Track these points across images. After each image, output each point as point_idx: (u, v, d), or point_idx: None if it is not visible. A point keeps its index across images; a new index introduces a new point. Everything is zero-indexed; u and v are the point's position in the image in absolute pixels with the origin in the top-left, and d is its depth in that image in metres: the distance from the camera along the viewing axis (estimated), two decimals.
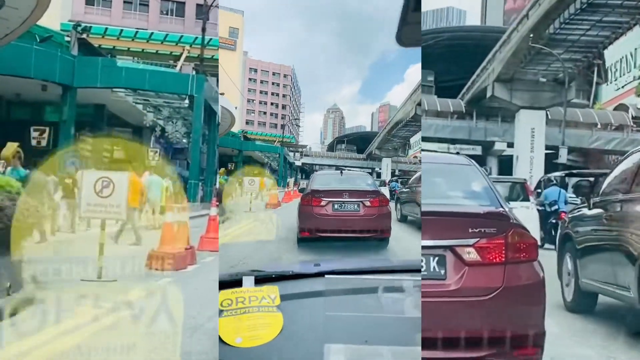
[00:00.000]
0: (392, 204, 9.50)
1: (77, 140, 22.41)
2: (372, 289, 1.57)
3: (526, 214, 8.55)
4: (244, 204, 18.33)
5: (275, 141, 60.23)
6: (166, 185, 14.68)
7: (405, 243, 8.53)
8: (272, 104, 73.20)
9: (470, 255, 2.69)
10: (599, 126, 32.25)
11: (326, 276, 1.57)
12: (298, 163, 65.09)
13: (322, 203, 7.54)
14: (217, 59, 30.03)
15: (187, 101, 23.33)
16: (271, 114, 72.74)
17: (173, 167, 27.47)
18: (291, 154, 62.89)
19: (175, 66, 28.02)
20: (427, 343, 2.06)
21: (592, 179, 6.31)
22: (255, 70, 72.76)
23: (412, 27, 1.32)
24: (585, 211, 5.44)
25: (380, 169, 57.45)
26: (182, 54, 27.51)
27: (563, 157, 23.46)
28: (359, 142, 70.99)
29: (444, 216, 2.93)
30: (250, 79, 72.38)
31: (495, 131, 31.26)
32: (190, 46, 28.66)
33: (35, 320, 2.33)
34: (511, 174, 26.89)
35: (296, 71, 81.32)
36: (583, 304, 5.31)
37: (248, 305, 1.50)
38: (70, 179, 11.27)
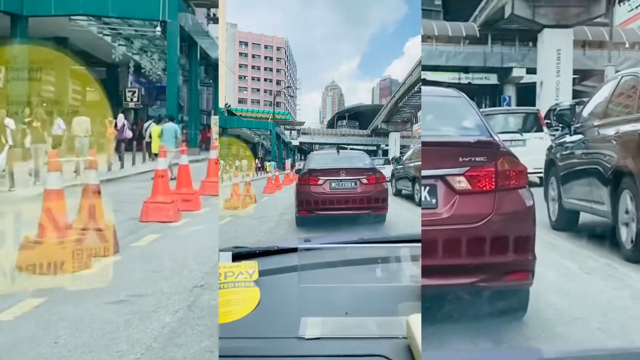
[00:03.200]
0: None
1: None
2: (352, 260, 1.57)
3: (540, 145, 8.45)
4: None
5: (268, 118, 56.14)
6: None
7: (404, 218, 8.55)
8: (265, 80, 69.86)
9: (461, 184, 2.71)
10: (627, 46, 29.13)
11: (299, 249, 1.53)
12: (295, 142, 61.08)
13: (320, 182, 7.64)
14: None
15: (159, 28, 20.24)
16: (265, 91, 69.37)
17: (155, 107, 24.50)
18: (287, 132, 58.81)
19: None
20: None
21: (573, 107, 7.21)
22: (246, 44, 69.20)
23: None
24: (567, 137, 5.84)
25: (387, 145, 53.41)
26: None
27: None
28: (361, 117, 67.15)
29: (435, 146, 2.90)
30: (240, 54, 69.06)
31: (513, 56, 28.16)
32: None
33: None
34: (533, 103, 23.97)
35: (292, 50, 77.99)
36: (566, 222, 5.82)
37: (223, 281, 1.45)
38: None
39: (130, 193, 9.29)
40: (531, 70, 26.78)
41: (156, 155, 12.99)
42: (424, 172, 2.78)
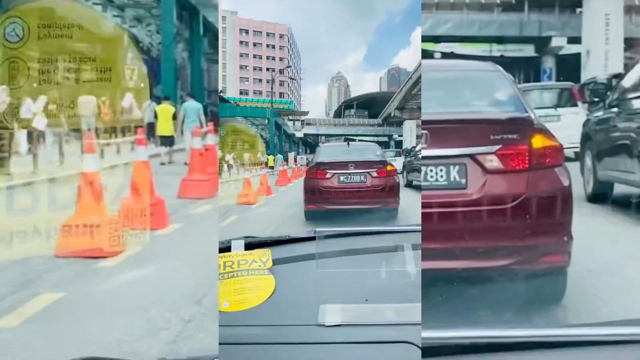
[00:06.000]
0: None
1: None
2: (367, 248, 1.60)
3: (575, 120, 8.50)
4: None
5: (269, 108, 52.68)
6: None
7: (415, 209, 7.86)
8: (268, 69, 67.06)
9: (492, 163, 2.64)
10: None
11: (317, 236, 1.51)
12: (299, 134, 58.11)
13: (328, 175, 7.47)
14: None
15: None
16: (268, 82, 66.71)
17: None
18: (290, 123, 55.61)
19: None
20: (450, 253, 2.48)
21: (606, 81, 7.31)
22: (247, 32, 66.46)
23: None
24: (602, 111, 6.08)
25: (400, 135, 50.45)
26: None
27: None
28: (371, 105, 64.11)
29: (465, 124, 2.86)
30: (241, 42, 66.33)
31: (552, 24, 25.57)
32: None
33: None
34: (576, 75, 21.62)
35: (296, 41, 75.17)
36: (601, 193, 6.05)
37: (237, 269, 1.47)
38: None
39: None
40: (572, 40, 24.24)
41: (165, 137, 11.20)
42: (453, 152, 2.63)
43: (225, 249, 1.55)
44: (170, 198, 6.78)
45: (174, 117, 12.07)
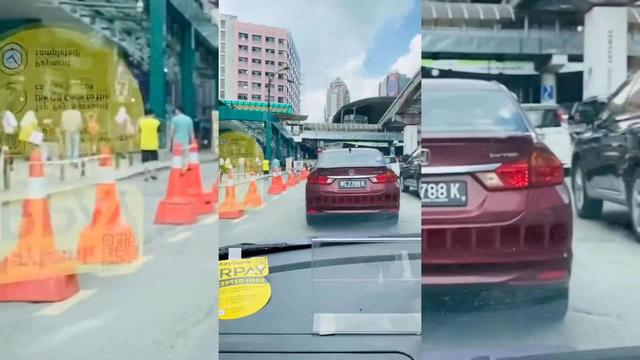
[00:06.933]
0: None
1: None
2: (363, 257, 1.57)
3: (558, 138, 9.25)
4: None
5: (266, 111, 51.73)
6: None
7: (412, 213, 7.98)
8: (267, 73, 66.49)
9: (492, 180, 2.67)
10: None
11: (312, 245, 1.44)
12: (297, 139, 57.29)
13: (329, 181, 7.55)
14: None
15: (141, 4, 17.24)
16: (266, 86, 66.21)
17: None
18: (288, 128, 54.67)
19: None
20: (449, 269, 2.48)
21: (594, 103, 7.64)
22: (246, 36, 65.98)
23: None
24: (591, 133, 6.41)
25: (401, 140, 49.51)
26: None
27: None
28: (370, 110, 63.37)
29: (465, 142, 2.88)
30: (240, 46, 65.79)
31: (552, 41, 24.99)
32: None
33: None
34: (577, 93, 21.31)
35: (296, 47, 74.61)
36: (591, 210, 6.36)
37: (233, 277, 1.45)
38: None
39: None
40: (573, 58, 23.75)
41: (148, 152, 10.96)
42: (453, 169, 2.68)
43: (222, 255, 1.52)
44: (148, 222, 6.14)
45: (159, 130, 11.93)
